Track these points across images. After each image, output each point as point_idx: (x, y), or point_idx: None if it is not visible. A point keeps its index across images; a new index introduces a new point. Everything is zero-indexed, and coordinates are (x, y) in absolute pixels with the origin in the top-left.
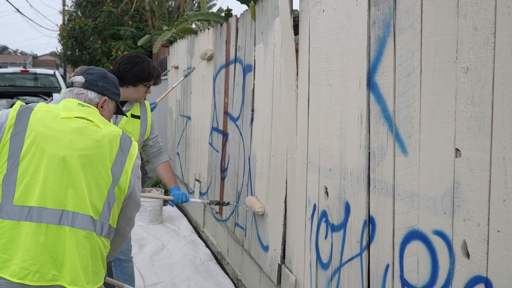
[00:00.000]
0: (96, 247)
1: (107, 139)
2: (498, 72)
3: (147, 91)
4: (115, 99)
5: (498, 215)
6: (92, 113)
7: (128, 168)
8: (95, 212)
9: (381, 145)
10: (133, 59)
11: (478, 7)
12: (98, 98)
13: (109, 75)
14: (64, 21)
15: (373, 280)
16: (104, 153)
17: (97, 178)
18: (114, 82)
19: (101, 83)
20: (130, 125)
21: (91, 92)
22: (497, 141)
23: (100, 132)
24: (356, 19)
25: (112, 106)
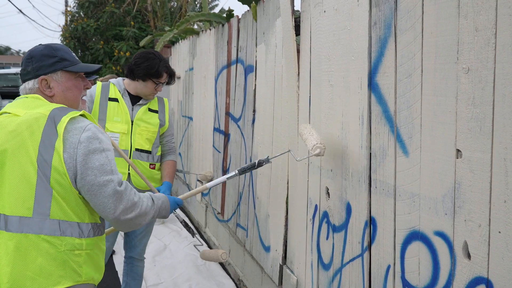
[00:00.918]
0: (36, 248)
1: (25, 125)
2: (499, 72)
3: (157, 88)
4: (59, 68)
5: (499, 216)
6: (22, 103)
7: (59, 147)
8: (26, 209)
9: (382, 145)
10: (146, 54)
11: (479, 7)
12: (36, 82)
13: (35, 50)
14: (66, 22)
15: (374, 281)
16: (23, 142)
17: (22, 171)
18: (44, 53)
19: (30, 66)
20: (148, 116)
21: (27, 83)
22: (498, 142)
23: (16, 121)
24: (357, 20)
25: (64, 76)
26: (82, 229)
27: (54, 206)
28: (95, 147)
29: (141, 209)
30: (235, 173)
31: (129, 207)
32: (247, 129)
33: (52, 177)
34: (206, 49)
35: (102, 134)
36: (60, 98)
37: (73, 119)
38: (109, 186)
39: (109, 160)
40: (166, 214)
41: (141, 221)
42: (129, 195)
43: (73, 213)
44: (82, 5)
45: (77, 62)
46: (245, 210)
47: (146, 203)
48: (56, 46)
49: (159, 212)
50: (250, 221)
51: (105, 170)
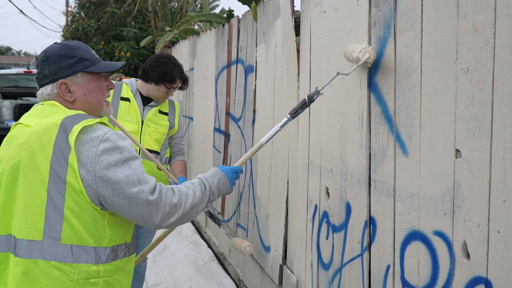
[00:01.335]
0: (46, 276)
1: (35, 137)
2: (498, 72)
3: (168, 92)
4: (79, 69)
5: (498, 216)
6: (36, 111)
7: (73, 161)
8: (36, 232)
9: (382, 145)
10: (161, 58)
11: (478, 8)
12: (55, 87)
13: (50, 51)
14: (67, 22)
15: (374, 280)
16: (34, 155)
17: (33, 188)
18: (61, 54)
19: (47, 69)
20: (158, 117)
21: (45, 87)
22: (497, 142)
23: (26, 133)
24: (357, 20)
25: (86, 77)
26: (100, 254)
27: (66, 229)
28: (116, 159)
29: (185, 208)
30: (287, 118)
31: (168, 212)
32: (247, 129)
33: (68, 194)
34: (206, 49)
35: (123, 140)
36: (82, 103)
37: (88, 128)
38: (141, 198)
39: (133, 169)
40: (228, 190)
41: (191, 215)
42: (165, 199)
43: (89, 236)
44: (83, 6)
45: (98, 61)
46: (245, 210)
47: (192, 196)
48: (73, 44)
49: (218, 191)
50: (250, 221)
51: (132, 181)
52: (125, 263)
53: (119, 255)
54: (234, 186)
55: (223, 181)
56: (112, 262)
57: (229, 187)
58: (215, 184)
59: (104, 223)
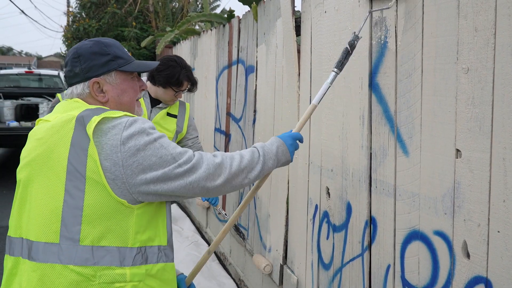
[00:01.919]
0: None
1: (53, 130)
2: (498, 73)
3: (177, 95)
4: (113, 67)
5: (498, 216)
6: (58, 107)
7: (93, 153)
8: (53, 234)
9: (383, 145)
10: (168, 61)
11: (479, 8)
12: (87, 86)
13: (83, 47)
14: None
15: (374, 280)
16: (51, 150)
17: (49, 186)
18: (94, 51)
19: (78, 67)
20: (165, 121)
21: (75, 87)
22: (497, 142)
23: (45, 127)
24: (358, 20)
25: (119, 77)
26: (125, 256)
27: (85, 229)
28: (144, 142)
29: (231, 170)
30: (335, 72)
31: (213, 172)
32: (248, 129)
33: (88, 190)
34: (207, 50)
35: (148, 122)
36: (114, 104)
37: (109, 118)
38: (180, 173)
39: (165, 148)
40: (287, 159)
41: (241, 180)
42: (207, 160)
43: (112, 235)
44: (84, 6)
45: (131, 60)
46: (246, 210)
47: (239, 160)
48: (107, 41)
49: (277, 160)
50: (251, 221)
51: (167, 161)
52: (160, 270)
53: (150, 259)
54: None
55: (282, 149)
56: (142, 265)
57: (288, 155)
58: (273, 151)
59: (131, 220)
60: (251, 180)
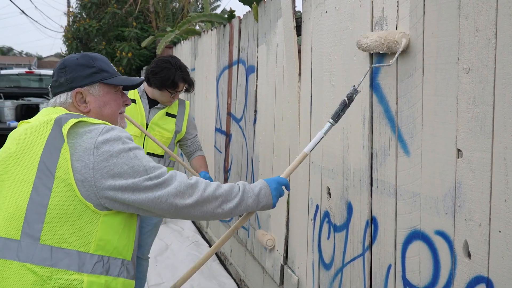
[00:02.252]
0: (19, 280)
1: (31, 130)
2: (499, 72)
3: (174, 96)
4: (97, 80)
5: (499, 215)
6: (42, 112)
7: (65, 153)
8: (14, 229)
9: (384, 145)
10: (162, 63)
11: (480, 8)
12: (70, 96)
13: (70, 59)
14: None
15: (375, 280)
16: (26, 148)
17: (18, 182)
18: (80, 63)
19: (64, 77)
20: (164, 121)
21: (59, 96)
22: (498, 142)
23: (24, 127)
24: (359, 20)
25: (103, 89)
26: (84, 261)
27: (47, 228)
28: (119, 149)
29: (204, 194)
30: (330, 123)
31: (183, 191)
32: (248, 129)
33: (55, 188)
34: (207, 50)
35: (125, 132)
36: (96, 115)
37: (87, 123)
38: (148, 185)
39: (139, 159)
40: (269, 202)
41: (213, 209)
42: (180, 179)
43: (75, 238)
44: (84, 6)
45: (116, 74)
46: None
47: (215, 187)
48: (93, 55)
49: (258, 201)
50: (252, 221)
51: (138, 171)
52: (120, 285)
53: (112, 271)
54: (281, 196)
55: (264, 191)
56: (102, 275)
57: (270, 199)
58: (255, 191)
59: (96, 225)
60: (226, 212)
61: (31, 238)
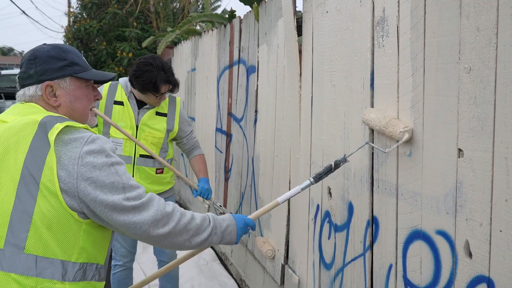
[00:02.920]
0: None
1: (11, 132)
2: (500, 72)
3: (160, 98)
4: (68, 73)
5: (500, 215)
6: (14, 109)
7: (51, 161)
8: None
9: (385, 145)
10: (144, 66)
11: (481, 8)
12: (39, 89)
13: (40, 50)
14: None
15: (376, 280)
16: (6, 152)
17: (0, 187)
18: (52, 55)
19: (33, 69)
20: (154, 121)
21: (28, 88)
22: (499, 141)
23: (2, 128)
24: (360, 20)
25: (74, 83)
26: (67, 270)
27: (32, 237)
28: (102, 162)
29: (178, 224)
30: (310, 182)
31: (159, 219)
32: (249, 129)
33: (40, 197)
34: (208, 50)
35: (109, 143)
36: (66, 110)
37: (71, 128)
38: (126, 205)
39: (119, 175)
40: (232, 240)
41: (183, 241)
42: (158, 205)
43: (58, 247)
44: (85, 6)
45: (88, 68)
46: (247, 211)
47: (189, 219)
48: (65, 47)
49: (222, 236)
50: None
51: (117, 188)
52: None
53: (87, 276)
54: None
55: (231, 229)
56: (80, 282)
57: (234, 237)
58: (222, 227)
59: (79, 234)
60: (193, 246)
61: (15, 247)
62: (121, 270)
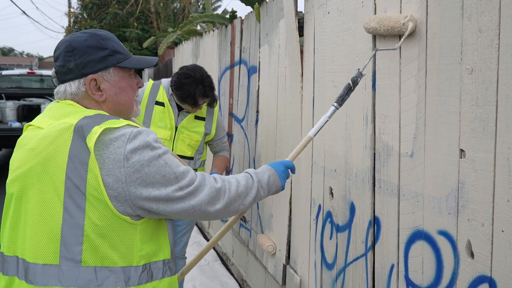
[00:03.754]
0: None
1: (48, 140)
2: (502, 73)
3: (197, 107)
4: (111, 63)
5: (502, 215)
6: (50, 111)
7: (94, 167)
8: (51, 254)
9: (386, 145)
10: (184, 78)
11: (483, 9)
12: (82, 84)
13: (77, 40)
14: (69, 23)
15: (378, 280)
16: (45, 162)
17: (45, 202)
18: (91, 44)
19: (73, 62)
20: (193, 125)
21: (69, 84)
22: (501, 142)
23: (37, 136)
24: (361, 21)
25: (118, 74)
26: (130, 275)
27: (87, 249)
28: (149, 157)
29: (230, 194)
30: (335, 107)
31: (214, 196)
32: (250, 129)
33: (88, 207)
34: (209, 50)
35: (151, 134)
36: (112, 104)
37: (111, 128)
38: (182, 195)
39: (169, 165)
40: (278, 187)
41: (237, 206)
42: (210, 183)
43: (117, 254)
44: (85, 7)
45: (129, 55)
46: (249, 211)
47: (236, 184)
48: (103, 34)
49: (268, 188)
50: (254, 222)
51: (170, 180)
52: (166, 285)
53: (156, 275)
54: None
55: (273, 178)
56: (147, 283)
57: (279, 184)
58: (265, 180)
59: (135, 237)
60: (246, 207)
61: (71, 261)
62: None
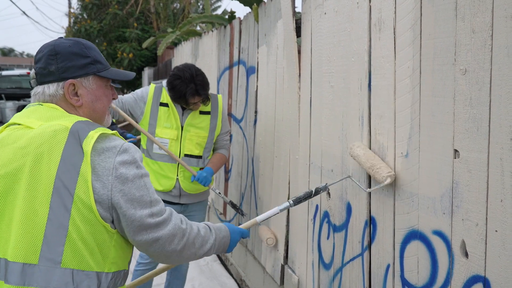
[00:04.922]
0: None
1: (40, 140)
2: (495, 74)
3: (195, 106)
4: (91, 71)
5: (495, 215)
6: (35, 112)
7: (86, 172)
8: (32, 254)
9: (382, 146)
10: (174, 79)
11: (476, 10)
12: (61, 87)
13: (61, 45)
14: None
15: (374, 280)
16: (36, 162)
17: (31, 201)
18: (74, 51)
19: (55, 65)
20: (199, 120)
21: (47, 86)
22: (495, 142)
23: (28, 135)
24: (357, 22)
25: (96, 82)
26: (101, 281)
27: (68, 251)
28: (134, 174)
29: (189, 237)
30: (289, 204)
31: (175, 233)
32: (249, 130)
33: (74, 209)
34: (208, 51)
35: (138, 153)
36: (87, 110)
37: (104, 137)
38: (150, 223)
39: (147, 188)
40: (224, 250)
41: (190, 251)
42: (175, 221)
43: (93, 259)
44: (85, 7)
45: (109, 67)
46: (247, 211)
47: (196, 231)
48: (86, 43)
49: (217, 247)
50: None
51: (145, 201)
52: None
53: (117, 283)
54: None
55: (225, 241)
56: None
57: (226, 248)
58: (219, 237)
59: (111, 245)
60: (197, 257)
61: (51, 262)
62: (144, 269)
